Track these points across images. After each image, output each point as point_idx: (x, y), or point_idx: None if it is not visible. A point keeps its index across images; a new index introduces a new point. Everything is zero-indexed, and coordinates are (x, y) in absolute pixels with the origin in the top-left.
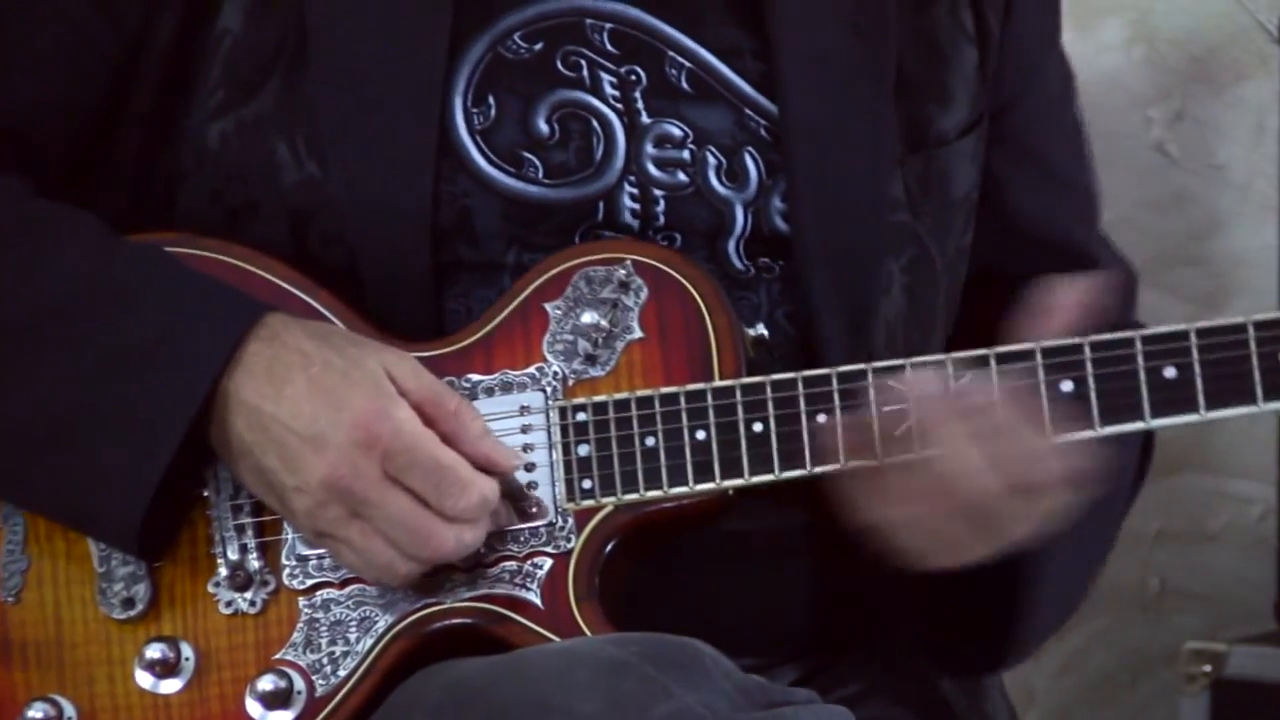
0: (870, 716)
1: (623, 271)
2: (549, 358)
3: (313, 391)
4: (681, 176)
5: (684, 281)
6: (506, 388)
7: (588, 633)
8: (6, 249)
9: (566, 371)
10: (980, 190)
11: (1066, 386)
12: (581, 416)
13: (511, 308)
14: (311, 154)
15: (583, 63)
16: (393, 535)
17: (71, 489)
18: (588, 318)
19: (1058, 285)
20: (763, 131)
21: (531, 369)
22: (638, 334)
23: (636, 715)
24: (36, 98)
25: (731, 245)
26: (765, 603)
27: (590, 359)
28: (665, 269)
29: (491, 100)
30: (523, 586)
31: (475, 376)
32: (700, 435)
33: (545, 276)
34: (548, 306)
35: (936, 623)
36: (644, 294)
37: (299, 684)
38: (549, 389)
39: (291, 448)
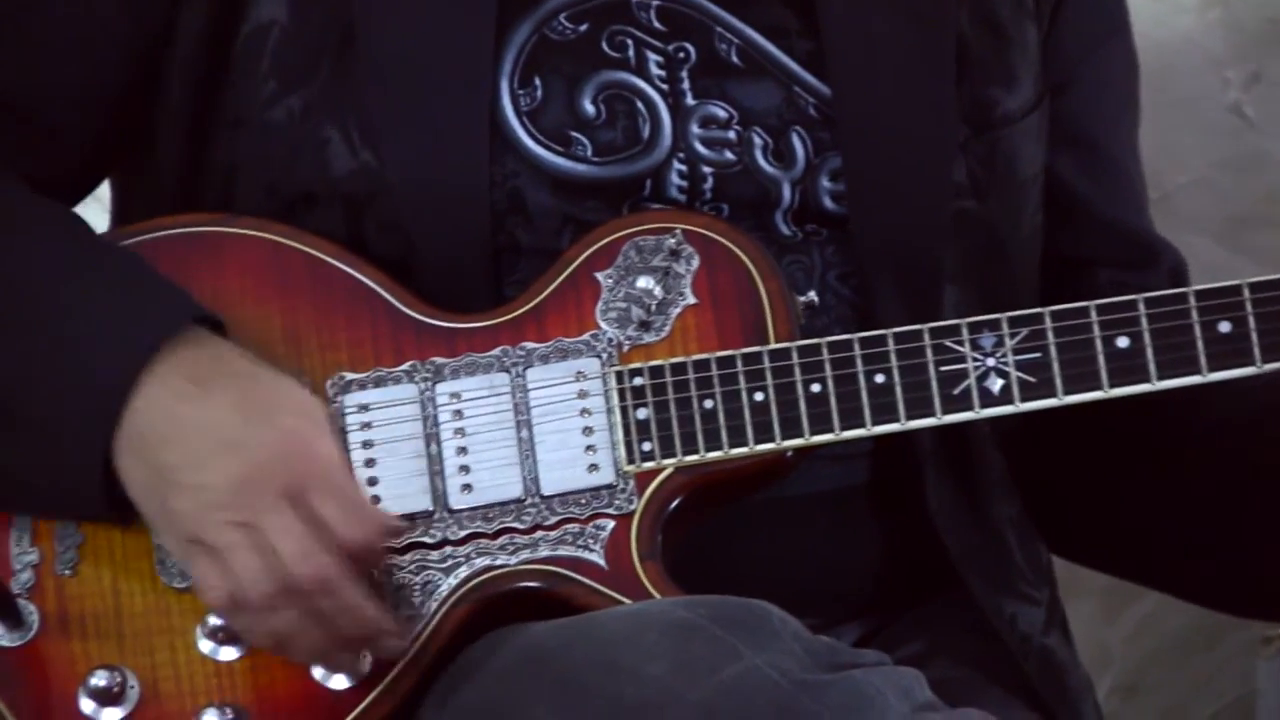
0: (934, 676)
1: (673, 240)
2: (602, 325)
3: (244, 403)
4: (729, 155)
5: (734, 248)
6: (561, 354)
7: (652, 592)
8: None
9: (621, 338)
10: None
11: (1122, 343)
12: (639, 381)
13: (562, 278)
14: (365, 142)
15: (629, 42)
16: (281, 546)
17: (23, 463)
18: (642, 283)
19: None
20: (811, 110)
21: (586, 336)
22: (691, 299)
23: (705, 677)
24: (48, 80)
25: (779, 216)
26: (828, 562)
27: (644, 325)
28: (715, 236)
29: (538, 82)
30: (586, 548)
31: (529, 344)
32: (759, 397)
33: (595, 247)
34: (599, 275)
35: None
36: (695, 261)
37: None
38: (604, 355)
39: (201, 447)
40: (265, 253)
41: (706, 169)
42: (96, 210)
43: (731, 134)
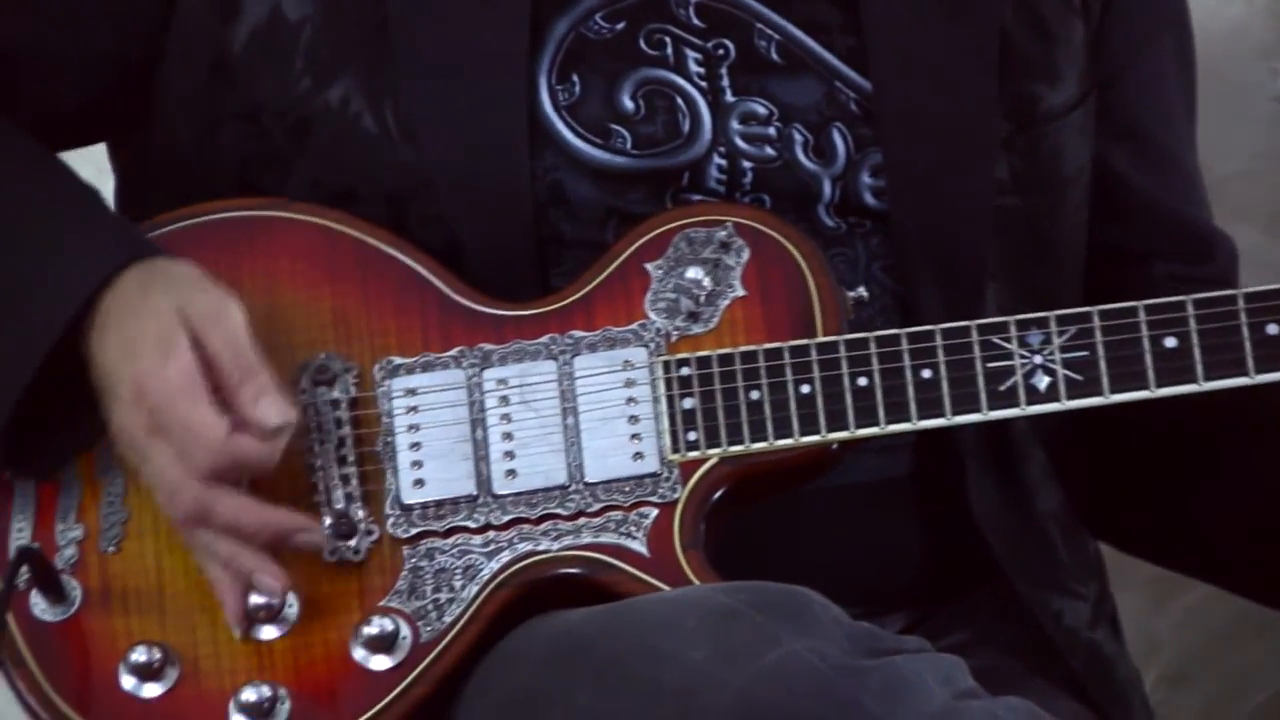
0: (978, 665)
1: (723, 232)
2: (651, 315)
3: (117, 341)
4: (769, 151)
5: (785, 242)
6: (609, 343)
7: (694, 580)
8: None
9: (669, 328)
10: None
11: (1170, 343)
12: (685, 371)
13: (612, 268)
14: (404, 137)
15: (667, 40)
16: (157, 486)
17: None
18: (691, 274)
19: None
20: (852, 105)
21: (634, 325)
22: (740, 291)
23: (747, 663)
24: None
25: (821, 209)
26: (869, 554)
27: (693, 316)
28: (766, 230)
29: (575, 78)
30: (628, 535)
31: (578, 333)
32: (805, 389)
33: (645, 238)
34: (649, 266)
35: None
36: (745, 254)
37: (404, 630)
38: (652, 345)
39: (104, 394)
40: (317, 237)
41: (746, 164)
42: (91, 171)
43: (772, 130)
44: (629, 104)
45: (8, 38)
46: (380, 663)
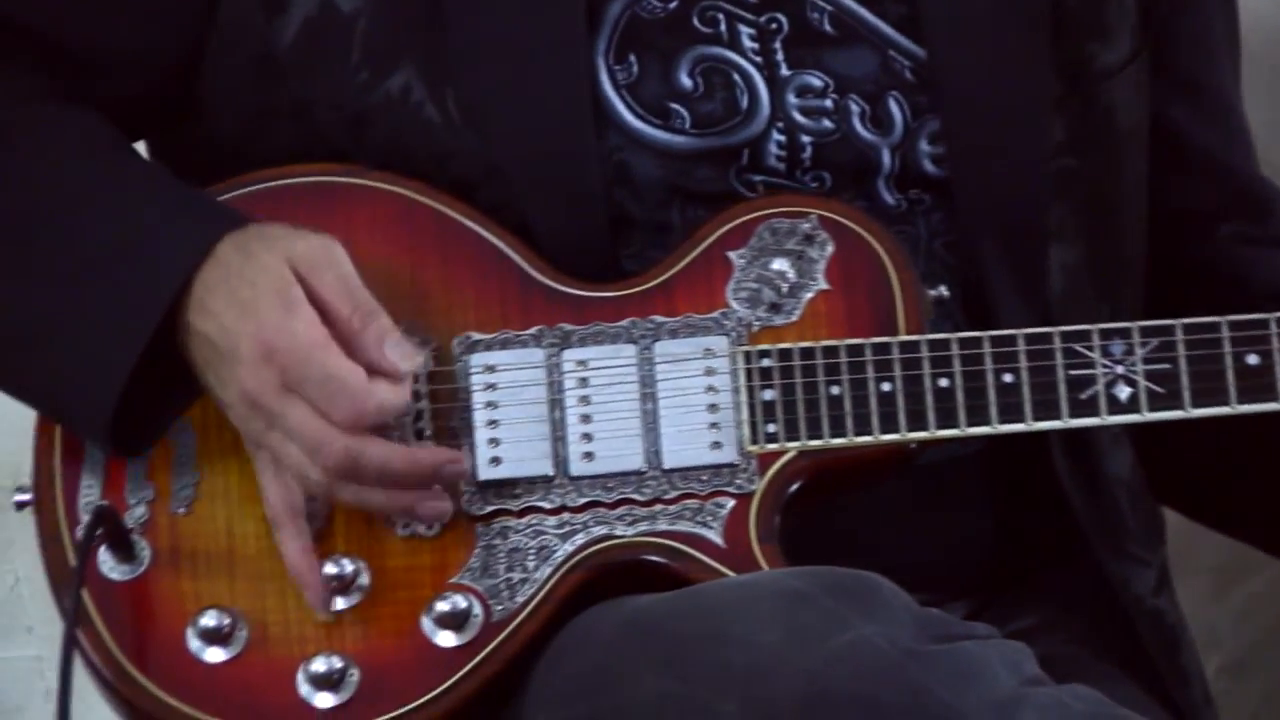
0: (1043, 651)
1: (808, 225)
2: (733, 304)
3: (229, 306)
4: (826, 123)
5: (869, 238)
6: (690, 330)
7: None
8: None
9: (751, 318)
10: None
11: (1252, 360)
12: (766, 362)
13: (694, 255)
14: (468, 124)
15: (720, 17)
16: (297, 444)
17: (50, 382)
18: (775, 265)
19: None
20: (907, 74)
21: (716, 314)
22: (823, 285)
23: (816, 646)
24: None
25: (881, 183)
26: (939, 538)
27: (775, 308)
28: (851, 225)
29: (633, 58)
30: (704, 524)
31: (659, 318)
32: (885, 387)
33: (729, 226)
34: (732, 255)
35: None
36: (829, 248)
37: (476, 608)
38: (733, 334)
39: (217, 364)
40: (398, 207)
41: (805, 138)
42: None
43: (828, 102)
44: (687, 82)
45: (53, 35)
46: (450, 640)
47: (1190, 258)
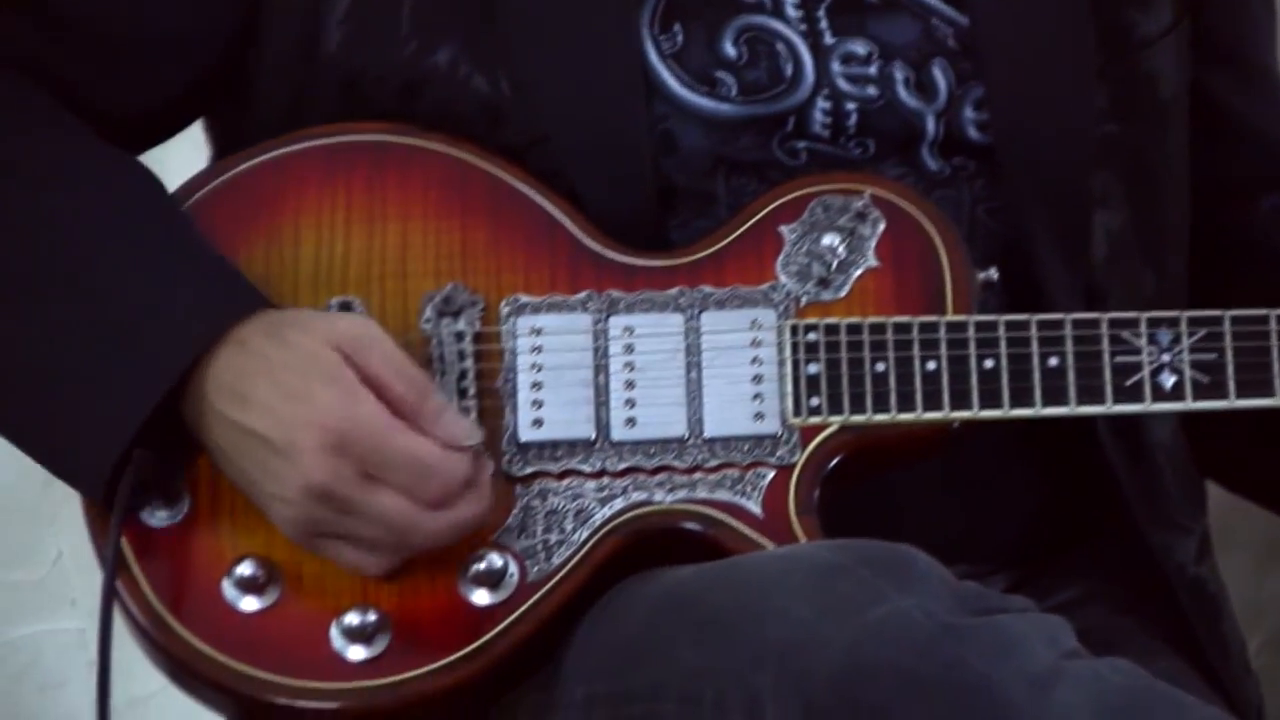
0: (1081, 624)
1: (860, 202)
2: (782, 278)
3: (277, 396)
4: (871, 90)
5: (921, 217)
6: (738, 302)
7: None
8: (32, 193)
9: (799, 292)
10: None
11: None
12: (812, 336)
13: (746, 227)
14: (517, 94)
15: None
16: (383, 530)
17: (47, 437)
18: (825, 241)
19: None
20: (950, 41)
21: (764, 286)
22: (873, 262)
23: (852, 618)
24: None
25: (925, 150)
26: (978, 510)
27: (823, 283)
28: (903, 204)
29: (677, 28)
30: (743, 494)
31: (707, 288)
32: (931, 366)
33: (782, 200)
34: (783, 229)
35: None
36: (880, 225)
37: (512, 567)
38: (781, 307)
39: (267, 459)
40: (452, 168)
41: (850, 105)
42: (189, 148)
43: (873, 69)
44: (731, 51)
45: (105, 24)
46: (485, 598)
47: (1232, 229)
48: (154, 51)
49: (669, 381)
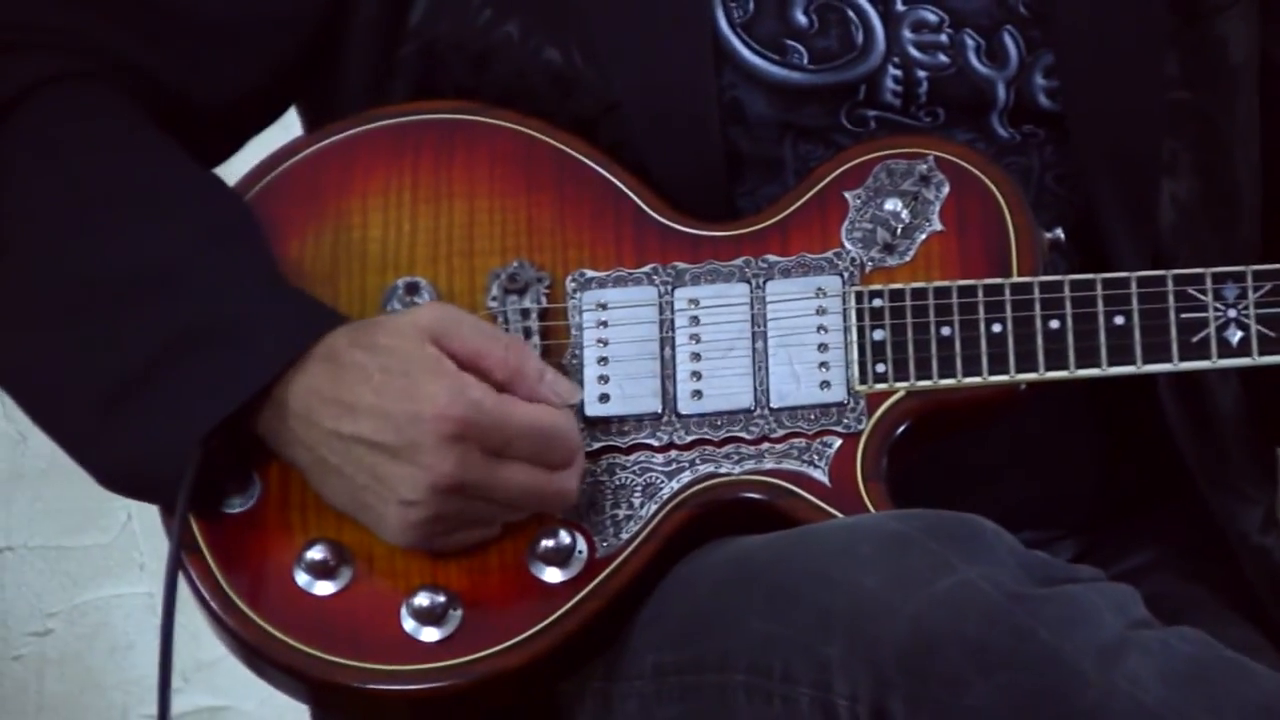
0: (1149, 591)
1: (924, 166)
2: (847, 244)
3: (388, 398)
4: (942, 58)
5: (986, 180)
6: (803, 270)
7: (873, 511)
8: (120, 209)
9: (864, 258)
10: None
11: None
12: (878, 302)
13: (810, 194)
14: (588, 61)
15: None
16: (520, 505)
17: (115, 449)
18: (890, 205)
19: None
20: (1021, 8)
21: (829, 253)
22: (938, 226)
23: (919, 589)
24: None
25: (995, 117)
26: (1044, 476)
27: (888, 248)
28: (968, 167)
29: None
30: (810, 464)
31: (772, 257)
32: (996, 328)
33: (846, 166)
34: (848, 195)
35: None
36: (945, 189)
37: (580, 544)
38: (846, 274)
39: (383, 464)
40: (519, 144)
41: (921, 73)
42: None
43: (944, 37)
44: (802, 19)
45: (195, 17)
46: (555, 575)
47: None
48: (252, 32)
49: (735, 352)
